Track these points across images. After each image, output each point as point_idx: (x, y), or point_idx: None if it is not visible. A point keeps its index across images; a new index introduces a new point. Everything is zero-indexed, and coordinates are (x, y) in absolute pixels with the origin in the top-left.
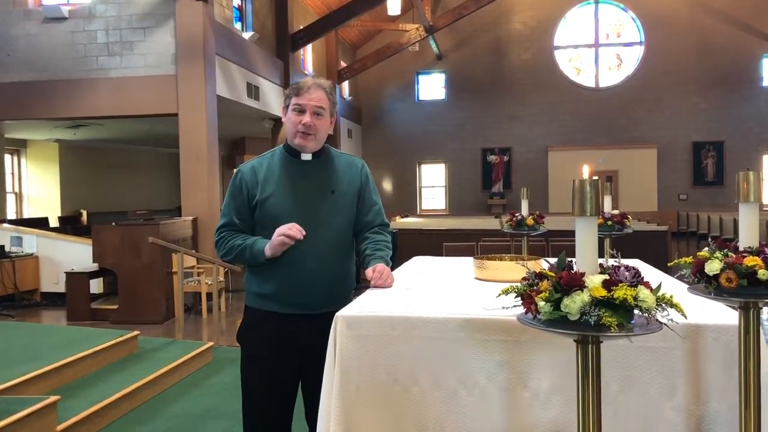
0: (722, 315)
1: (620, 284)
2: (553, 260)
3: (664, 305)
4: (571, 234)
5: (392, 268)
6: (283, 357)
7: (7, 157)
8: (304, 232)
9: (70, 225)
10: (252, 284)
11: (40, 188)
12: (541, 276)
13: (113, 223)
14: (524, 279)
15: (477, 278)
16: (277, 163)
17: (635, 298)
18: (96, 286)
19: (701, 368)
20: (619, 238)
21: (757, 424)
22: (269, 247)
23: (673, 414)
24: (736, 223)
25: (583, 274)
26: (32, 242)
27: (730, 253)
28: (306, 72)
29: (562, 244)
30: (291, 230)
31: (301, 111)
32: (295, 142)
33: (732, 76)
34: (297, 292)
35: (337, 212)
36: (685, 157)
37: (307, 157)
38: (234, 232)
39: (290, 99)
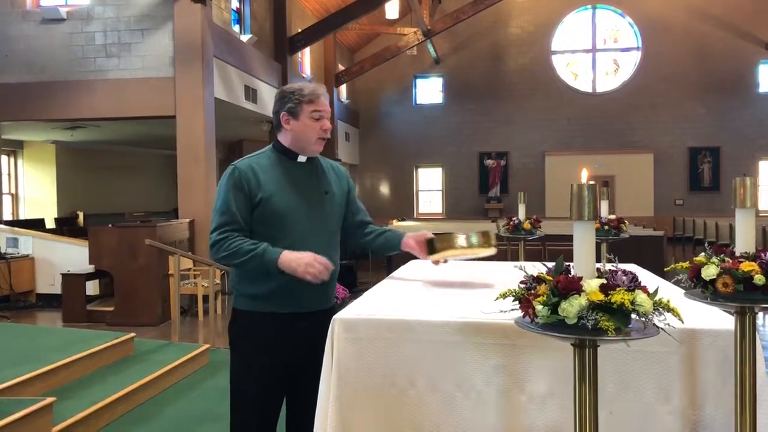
0: (718, 320)
1: (618, 288)
2: (551, 264)
3: (661, 309)
4: (567, 238)
5: (388, 272)
6: (278, 359)
7: (4, 158)
8: (329, 271)
9: (66, 226)
10: (244, 287)
11: (36, 189)
12: (539, 280)
13: (110, 225)
14: (522, 283)
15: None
16: (274, 163)
17: (632, 303)
18: (92, 287)
19: (697, 373)
20: (615, 243)
21: (753, 429)
22: (286, 265)
23: (669, 418)
24: (731, 228)
25: (580, 279)
26: (28, 243)
27: (726, 259)
28: (304, 75)
29: (558, 248)
30: (319, 268)
31: (321, 117)
32: (314, 148)
33: (728, 82)
34: (302, 291)
35: (332, 212)
36: (681, 162)
37: (302, 159)
38: (237, 233)
39: (301, 105)
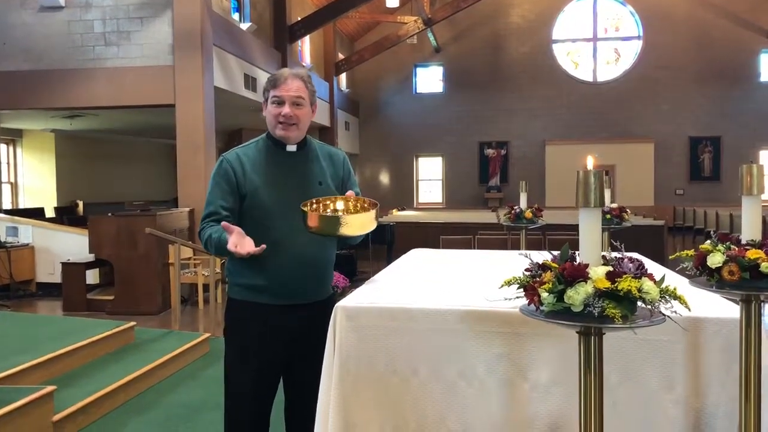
0: (723, 308)
1: (624, 276)
2: (556, 252)
3: (667, 297)
4: (568, 228)
5: (388, 261)
6: (270, 349)
7: (3, 147)
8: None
9: (66, 215)
10: (239, 276)
11: (35, 178)
12: (544, 267)
13: (109, 214)
14: (527, 270)
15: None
16: (263, 153)
17: (639, 290)
18: (92, 276)
19: (701, 361)
20: (616, 232)
21: (757, 417)
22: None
23: (673, 407)
24: (732, 218)
25: (586, 266)
26: (28, 232)
27: (732, 246)
28: (303, 63)
29: (559, 237)
30: (238, 252)
31: (280, 102)
32: (277, 133)
33: (730, 72)
34: (289, 282)
35: None
36: (682, 152)
37: (292, 148)
38: (215, 223)
39: (268, 92)
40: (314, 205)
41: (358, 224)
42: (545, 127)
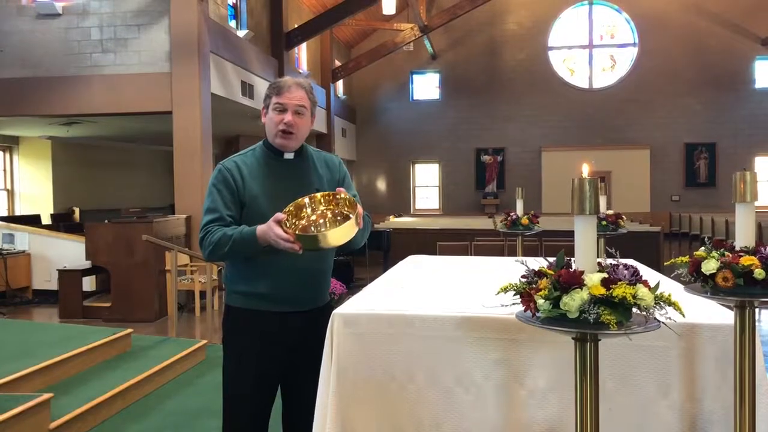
0: (717, 314)
1: (619, 282)
2: (552, 259)
3: (662, 303)
4: (565, 234)
5: (386, 267)
6: (268, 356)
7: None
8: (298, 249)
9: (62, 222)
10: (238, 284)
11: (32, 185)
12: (540, 274)
13: (106, 221)
14: (523, 277)
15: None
16: (260, 161)
17: (634, 297)
18: (89, 283)
19: (696, 367)
20: (612, 239)
21: (752, 423)
22: (265, 241)
23: (668, 412)
24: (728, 224)
25: (582, 273)
26: (24, 239)
27: (726, 253)
28: (300, 70)
29: (556, 244)
30: (285, 245)
31: (282, 110)
32: (277, 142)
33: (725, 78)
34: (288, 290)
35: None
36: (677, 158)
37: (289, 155)
38: (223, 227)
39: (270, 99)
40: (291, 217)
41: (339, 236)
42: (541, 134)
